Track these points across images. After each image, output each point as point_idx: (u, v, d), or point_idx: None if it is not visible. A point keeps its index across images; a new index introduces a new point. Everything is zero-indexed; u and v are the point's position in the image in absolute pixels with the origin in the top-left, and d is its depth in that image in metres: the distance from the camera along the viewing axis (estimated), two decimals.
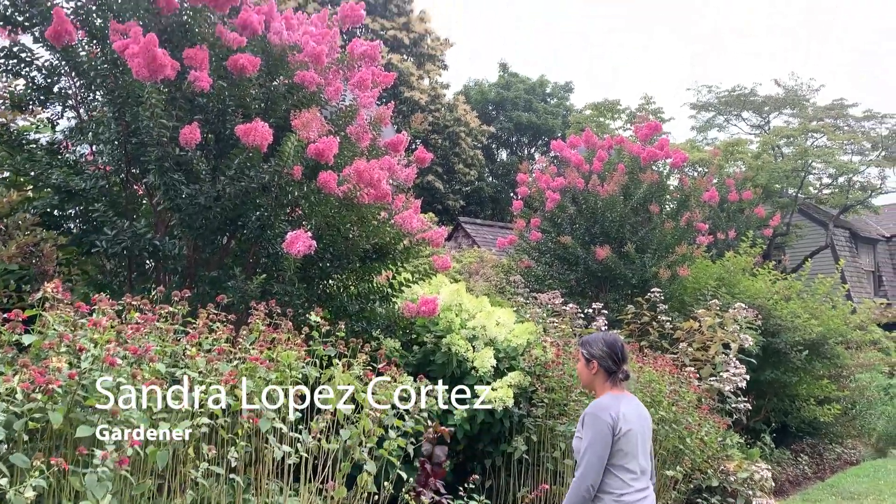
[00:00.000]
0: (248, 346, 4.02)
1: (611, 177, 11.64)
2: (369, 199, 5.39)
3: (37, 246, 4.79)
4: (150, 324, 3.66)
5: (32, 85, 5.93)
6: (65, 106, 6.11)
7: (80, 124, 5.83)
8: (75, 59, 5.06)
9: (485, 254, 16.03)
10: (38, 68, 5.79)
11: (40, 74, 5.84)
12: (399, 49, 24.83)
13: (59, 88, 5.99)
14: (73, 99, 5.91)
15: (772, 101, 24.03)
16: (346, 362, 4.52)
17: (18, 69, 5.80)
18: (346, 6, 6.50)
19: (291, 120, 5.02)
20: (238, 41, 5.15)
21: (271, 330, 4.27)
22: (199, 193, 5.05)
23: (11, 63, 5.76)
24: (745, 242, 12.92)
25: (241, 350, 4.00)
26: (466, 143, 25.96)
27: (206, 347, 3.92)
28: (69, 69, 5.33)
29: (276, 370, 3.96)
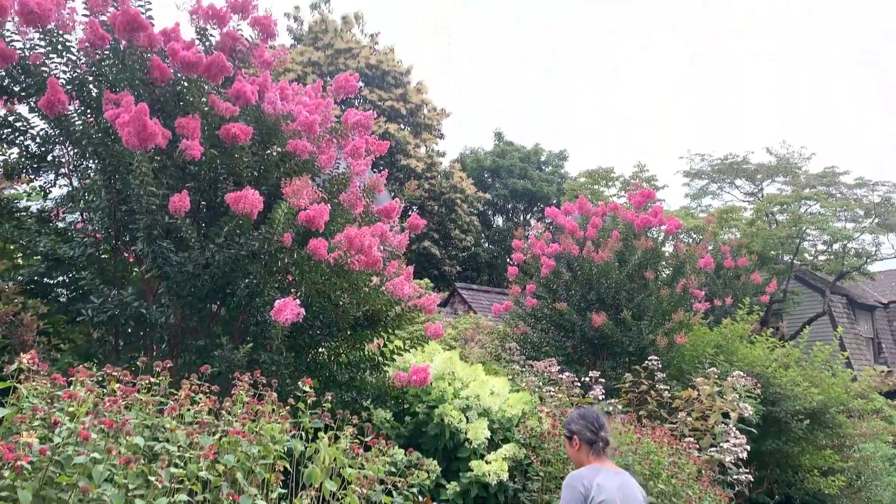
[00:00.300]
0: (231, 418, 3.90)
1: (605, 243, 11.66)
2: (360, 265, 5.35)
3: (17, 315, 4.71)
4: (129, 395, 3.55)
5: (26, 153, 5.95)
6: (58, 174, 6.12)
7: (72, 192, 5.83)
8: (68, 127, 5.09)
9: (481, 320, 15.91)
10: (32, 137, 5.82)
11: (34, 143, 5.87)
12: (396, 119, 25.25)
13: (53, 157, 6.01)
14: (66, 167, 5.93)
15: (764, 168, 24.35)
16: (332, 435, 4.38)
17: (13, 138, 5.83)
18: (341, 77, 6.59)
19: (282, 188, 5.02)
20: (231, 110, 5.19)
21: (256, 401, 4.15)
22: (187, 261, 5.00)
23: (6, 132, 5.79)
24: (742, 309, 12.84)
25: (224, 423, 3.87)
26: (462, 210, 26.14)
27: (188, 420, 3.80)
28: (63, 138, 5.35)
29: (259, 444, 3.83)
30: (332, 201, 6.25)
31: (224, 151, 5.26)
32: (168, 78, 5.15)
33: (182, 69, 5.10)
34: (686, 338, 11.09)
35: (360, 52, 25.49)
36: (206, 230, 5.22)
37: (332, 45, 25.75)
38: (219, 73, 5.13)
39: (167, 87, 5.24)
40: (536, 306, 12.28)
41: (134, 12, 5.02)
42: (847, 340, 22.46)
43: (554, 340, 12.07)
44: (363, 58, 25.24)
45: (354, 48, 25.71)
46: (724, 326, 11.98)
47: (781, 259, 21.33)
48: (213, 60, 5.06)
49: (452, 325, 15.28)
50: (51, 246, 5.17)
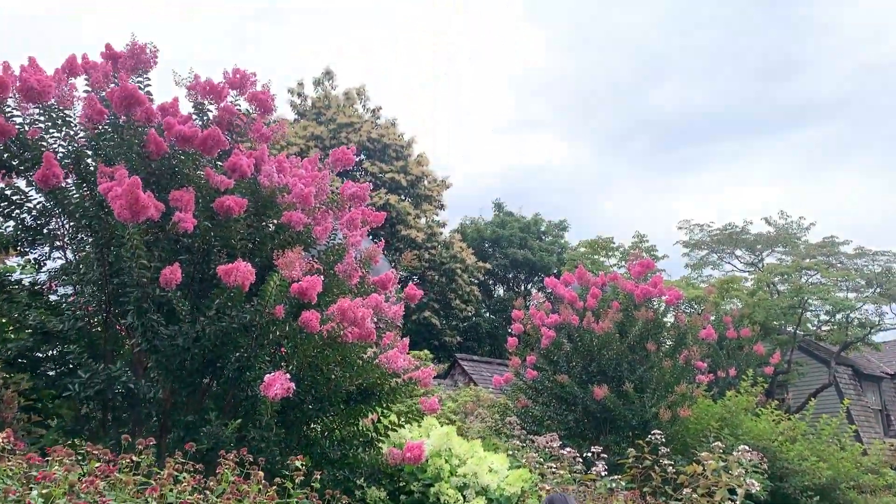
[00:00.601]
0: (214, 498, 3.76)
1: (605, 314, 11.56)
2: (353, 337, 5.27)
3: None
4: (110, 475, 3.42)
5: (22, 226, 5.95)
6: (53, 247, 6.11)
7: (66, 265, 5.80)
8: (62, 200, 5.11)
9: (481, 392, 15.65)
10: (28, 210, 5.83)
11: (30, 216, 5.87)
12: (397, 190, 25.52)
13: (49, 230, 6.01)
14: (61, 240, 5.92)
15: (763, 239, 24.42)
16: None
17: (9, 211, 5.84)
18: (338, 151, 6.66)
19: (275, 260, 4.99)
20: (226, 183, 5.22)
21: (242, 480, 4.01)
22: (177, 334, 4.93)
23: (3, 205, 5.80)
24: (746, 381, 12.63)
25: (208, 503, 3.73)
26: (463, 280, 26.12)
27: (171, 500, 3.65)
28: (58, 211, 5.36)
29: None
30: (328, 272, 6.22)
31: (218, 224, 5.26)
32: (164, 151, 5.19)
33: (178, 143, 5.15)
34: (690, 411, 10.87)
35: (361, 127, 25.96)
36: (198, 303, 5.16)
37: (334, 120, 26.24)
38: (214, 147, 5.18)
39: (163, 161, 5.29)
40: (537, 378, 12.09)
41: (132, 88, 5.10)
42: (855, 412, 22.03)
43: (556, 414, 11.84)
44: (365, 132, 25.69)
45: (356, 122, 26.19)
46: (728, 399, 11.76)
47: (784, 329, 21.14)
48: (208, 134, 5.11)
49: (452, 398, 15.02)
50: (40, 319, 5.12)
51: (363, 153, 26.26)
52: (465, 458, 6.86)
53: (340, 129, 25.88)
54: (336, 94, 27.64)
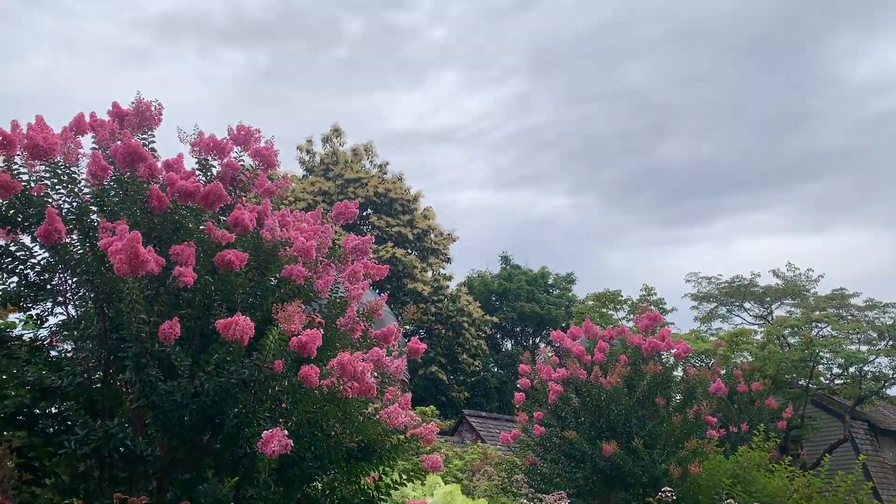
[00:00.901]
0: None
1: (613, 368, 11.43)
2: (353, 392, 5.20)
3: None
4: None
5: (26, 282, 5.96)
6: (55, 303, 6.10)
7: (67, 321, 5.79)
8: (64, 256, 5.13)
9: (489, 449, 15.39)
10: (31, 266, 5.84)
11: (33, 272, 5.88)
12: (404, 244, 25.64)
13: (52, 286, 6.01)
14: (63, 296, 5.92)
15: (772, 291, 24.26)
16: None
17: (12, 267, 5.86)
18: (341, 204, 6.69)
19: (274, 314, 4.97)
20: (227, 238, 5.23)
21: None
22: (176, 390, 4.88)
23: (6, 261, 5.82)
24: (758, 436, 12.37)
25: None
26: (470, 334, 25.98)
27: None
28: (60, 267, 5.38)
29: None
30: (330, 326, 6.18)
31: (219, 278, 5.25)
32: (166, 206, 5.23)
33: (180, 198, 5.19)
34: (701, 467, 10.64)
35: (368, 182, 26.25)
36: (199, 358, 5.12)
37: (342, 176, 26.57)
38: (216, 202, 5.22)
39: (165, 216, 5.32)
40: (545, 434, 11.89)
41: (135, 144, 5.17)
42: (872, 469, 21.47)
43: (564, 471, 11.61)
44: (372, 186, 25.97)
45: (364, 178, 26.50)
46: (740, 454, 11.51)
47: (796, 383, 20.82)
48: (210, 189, 5.16)
49: (459, 456, 14.78)
50: (38, 375, 5.07)
51: (370, 208, 26.48)
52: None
53: (348, 184, 26.16)
54: (344, 151, 28.05)
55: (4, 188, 5.03)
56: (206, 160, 5.76)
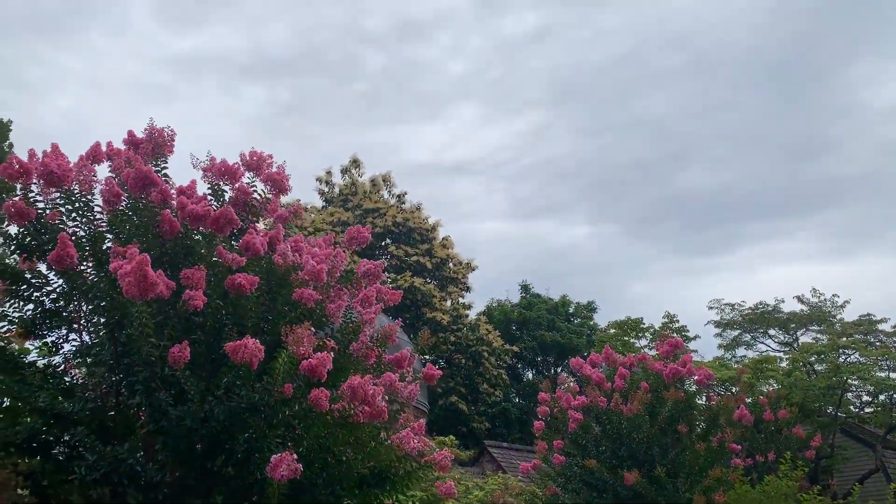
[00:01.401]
0: None
1: (634, 395, 11.23)
2: (364, 417, 5.14)
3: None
4: None
5: (42, 309, 6.00)
6: (70, 329, 6.13)
7: (81, 347, 5.80)
8: (76, 280, 5.16)
9: (510, 480, 15.15)
10: (47, 293, 5.89)
11: (49, 299, 5.92)
12: (422, 273, 25.62)
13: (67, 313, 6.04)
14: (77, 322, 5.95)
15: (797, 317, 23.90)
16: None
17: (28, 294, 5.90)
18: (353, 229, 6.70)
19: (283, 337, 4.94)
20: (237, 261, 5.24)
21: None
22: (186, 415, 4.85)
23: (22, 288, 5.87)
24: (785, 465, 12.05)
25: None
26: (490, 363, 25.77)
27: None
28: (73, 292, 5.41)
29: None
30: (343, 352, 6.14)
31: (230, 302, 5.25)
32: (178, 231, 5.26)
33: (190, 222, 5.21)
34: (726, 496, 10.36)
35: (387, 212, 26.36)
36: (210, 382, 5.10)
37: (360, 206, 26.72)
38: (227, 226, 5.23)
39: (177, 241, 5.34)
40: (565, 464, 11.68)
41: (146, 170, 5.22)
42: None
43: (586, 502, 11.36)
44: (390, 216, 26.07)
45: (382, 207, 26.62)
46: (766, 483, 11.21)
47: (824, 411, 20.35)
48: (221, 213, 5.18)
49: (479, 486, 14.56)
50: (49, 401, 5.07)
51: (389, 237, 26.55)
52: None
53: (366, 214, 26.29)
54: (363, 181, 28.24)
55: (19, 215, 5.09)
56: (218, 185, 5.80)
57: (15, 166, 5.40)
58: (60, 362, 6.01)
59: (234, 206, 6.07)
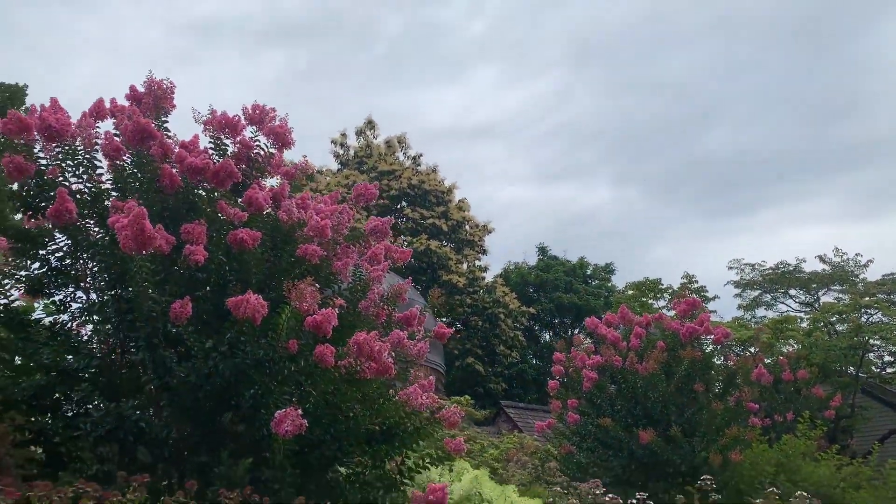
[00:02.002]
0: None
1: (650, 354, 11.11)
2: (371, 373, 5.07)
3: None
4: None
5: (48, 267, 5.94)
6: (77, 288, 6.09)
7: (87, 305, 5.76)
8: (76, 236, 5.09)
9: (525, 439, 15.19)
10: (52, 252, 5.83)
11: (54, 257, 5.87)
12: (438, 236, 25.49)
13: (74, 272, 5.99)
14: (83, 281, 5.89)
15: (819, 277, 23.52)
16: None
17: (34, 252, 5.84)
18: (360, 186, 6.56)
19: (286, 293, 4.85)
20: (239, 216, 5.14)
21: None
22: (190, 371, 4.80)
23: (27, 247, 5.81)
24: (803, 423, 11.92)
25: None
26: (507, 325, 25.71)
27: None
28: (74, 248, 5.34)
29: None
30: (352, 310, 6.06)
31: (233, 258, 5.16)
32: (178, 185, 5.15)
33: (189, 176, 5.10)
34: (742, 455, 10.27)
35: (402, 174, 26.16)
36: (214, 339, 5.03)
37: (375, 168, 26.53)
38: (227, 179, 5.12)
39: (178, 196, 5.24)
40: (580, 422, 11.63)
41: (144, 122, 5.10)
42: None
43: (601, 460, 11.34)
44: (405, 178, 25.87)
45: (397, 170, 26.42)
46: (784, 442, 11.11)
47: (845, 372, 20.12)
48: (221, 166, 5.06)
49: (495, 445, 14.61)
50: (53, 358, 5.04)
51: (404, 200, 26.39)
52: (497, 503, 6.52)
53: (381, 176, 26.11)
54: (378, 143, 28.00)
55: (18, 170, 5.01)
56: (219, 139, 5.67)
57: (14, 122, 5.30)
58: (67, 320, 5.98)
59: (237, 160, 5.96)
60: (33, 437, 5.40)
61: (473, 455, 13.40)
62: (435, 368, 19.15)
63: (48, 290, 6.13)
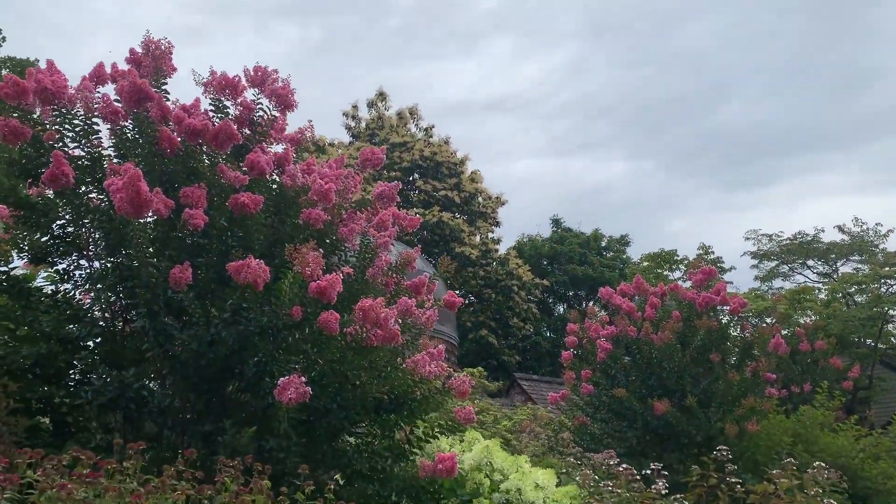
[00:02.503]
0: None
1: (665, 324, 10.93)
2: (378, 340, 4.94)
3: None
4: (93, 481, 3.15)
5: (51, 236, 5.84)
6: (80, 256, 5.98)
7: (89, 272, 5.65)
8: (73, 202, 4.96)
9: (539, 410, 15.12)
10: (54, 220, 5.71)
11: (56, 225, 5.75)
12: (450, 208, 25.28)
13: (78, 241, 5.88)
14: (87, 249, 5.78)
15: (837, 247, 23.15)
16: None
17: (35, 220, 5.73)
18: (367, 150, 6.39)
19: (288, 257, 4.70)
20: (240, 179, 4.98)
21: (247, 490, 3.70)
22: (193, 339, 4.69)
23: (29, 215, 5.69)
24: (821, 394, 11.74)
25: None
26: (520, 297, 25.56)
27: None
28: (74, 215, 5.22)
29: None
30: (360, 278, 5.93)
31: (235, 222, 5.02)
32: (177, 148, 5.00)
33: (188, 138, 4.94)
34: (759, 425, 10.11)
35: (414, 145, 25.91)
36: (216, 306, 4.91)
37: (387, 140, 26.29)
38: (227, 141, 4.96)
39: (177, 159, 5.09)
40: (593, 393, 11.51)
41: (140, 83, 4.94)
42: None
43: (615, 431, 11.23)
44: (417, 150, 25.62)
45: (409, 142, 26.17)
46: (801, 413, 10.94)
47: (863, 343, 19.85)
48: (220, 128, 4.90)
49: (508, 416, 14.56)
50: (54, 326, 4.94)
51: (416, 172, 26.16)
52: (508, 473, 6.41)
53: (393, 148, 25.88)
54: (389, 115, 27.73)
55: (13, 134, 4.87)
56: (219, 101, 5.50)
57: (10, 85, 5.15)
58: (70, 289, 5.88)
59: (239, 124, 5.79)
60: (40, 407, 5.35)
61: (486, 426, 13.35)
62: (448, 340, 19.08)
63: (51, 258, 6.03)
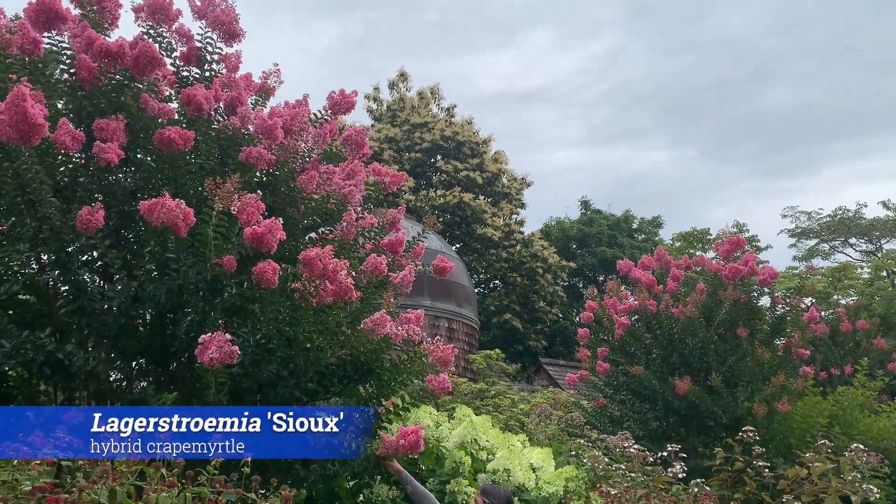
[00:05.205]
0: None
1: (688, 297, 10.09)
2: (328, 296, 4.29)
3: None
4: None
5: None
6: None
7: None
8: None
9: (560, 394, 14.46)
10: None
11: None
12: (472, 188, 24.52)
13: None
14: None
15: (881, 224, 21.90)
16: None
17: None
18: (336, 93, 5.71)
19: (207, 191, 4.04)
20: (167, 111, 4.35)
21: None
22: (114, 294, 4.09)
23: None
24: (861, 373, 10.79)
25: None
26: (546, 280, 24.69)
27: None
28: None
29: None
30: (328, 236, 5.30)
31: (163, 162, 4.39)
32: (95, 75, 4.37)
33: (103, 62, 4.31)
34: (790, 405, 9.25)
35: (435, 126, 25.19)
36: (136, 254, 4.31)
37: (408, 121, 25.62)
38: (147, 66, 4.31)
39: (98, 92, 4.46)
40: (610, 372, 10.73)
41: (48, 1, 4.30)
42: None
43: (635, 413, 10.44)
44: (438, 130, 24.90)
45: (430, 122, 25.45)
46: (839, 394, 10.04)
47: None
48: (140, 51, 4.25)
49: (526, 400, 13.93)
50: None
51: (438, 153, 25.43)
52: (497, 451, 5.73)
53: (414, 129, 25.20)
54: (411, 96, 27.03)
55: None
56: (153, 29, 4.86)
57: None
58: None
59: (186, 61, 5.18)
60: None
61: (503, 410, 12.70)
62: (470, 324, 18.40)
63: None
